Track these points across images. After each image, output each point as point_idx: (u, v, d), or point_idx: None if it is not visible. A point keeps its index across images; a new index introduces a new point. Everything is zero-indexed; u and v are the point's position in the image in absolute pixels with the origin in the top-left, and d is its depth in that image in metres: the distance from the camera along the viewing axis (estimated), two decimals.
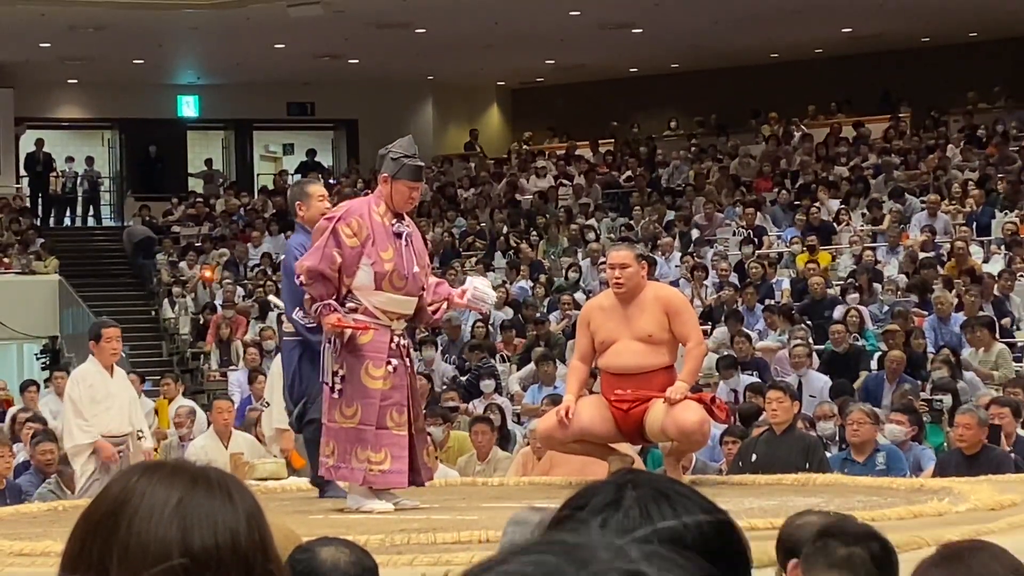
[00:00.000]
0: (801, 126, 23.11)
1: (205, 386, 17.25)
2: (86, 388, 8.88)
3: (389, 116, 24.95)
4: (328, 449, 6.59)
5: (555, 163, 23.93)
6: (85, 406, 8.79)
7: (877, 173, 20.03)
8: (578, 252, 18.90)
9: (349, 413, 6.56)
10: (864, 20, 21.87)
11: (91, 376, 8.93)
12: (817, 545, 3.07)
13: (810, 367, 12.45)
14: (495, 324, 15.88)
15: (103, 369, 8.92)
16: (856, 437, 8.55)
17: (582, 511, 1.52)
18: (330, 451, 6.59)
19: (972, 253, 15.76)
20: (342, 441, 6.55)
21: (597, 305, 7.34)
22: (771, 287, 16.06)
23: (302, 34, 21.47)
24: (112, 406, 8.84)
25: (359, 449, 6.54)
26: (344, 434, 6.55)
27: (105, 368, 8.92)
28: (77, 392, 8.89)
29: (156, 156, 26.06)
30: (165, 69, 24.82)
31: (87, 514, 1.52)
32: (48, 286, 20.05)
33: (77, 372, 9.39)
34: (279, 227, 22.25)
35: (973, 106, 22.46)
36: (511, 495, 7.19)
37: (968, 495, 6.24)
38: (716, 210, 19.63)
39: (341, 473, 6.62)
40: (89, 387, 8.87)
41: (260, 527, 1.52)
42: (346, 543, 2.89)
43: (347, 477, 6.63)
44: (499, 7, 20.52)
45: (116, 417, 8.85)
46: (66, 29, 20.96)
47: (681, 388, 6.95)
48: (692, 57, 24.25)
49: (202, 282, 19.98)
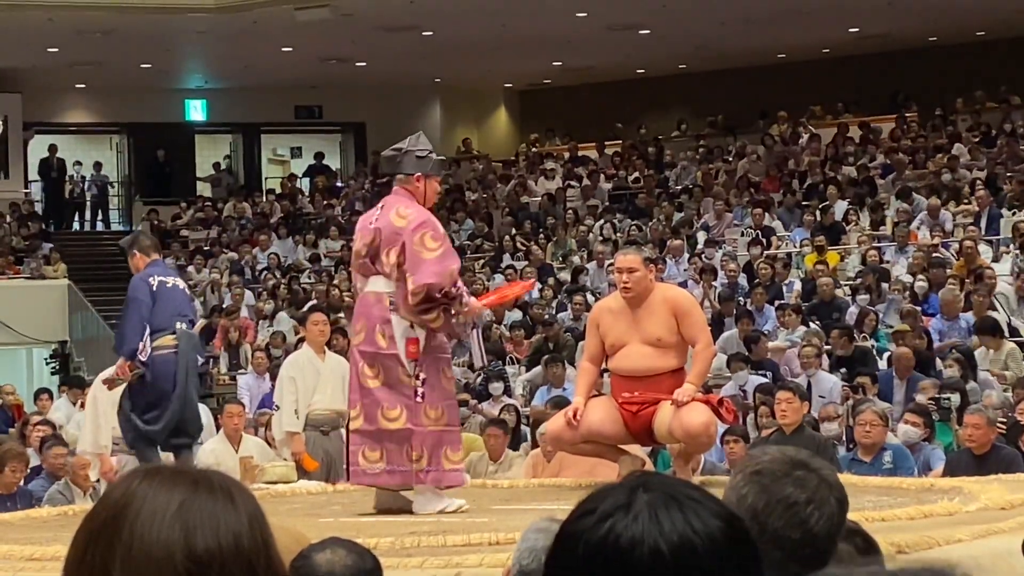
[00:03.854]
0: (809, 126, 23.08)
1: (214, 390, 17.27)
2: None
3: (397, 119, 24.95)
4: (416, 454, 6.61)
5: (562, 165, 23.92)
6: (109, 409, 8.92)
7: (885, 173, 20.01)
8: (586, 254, 18.90)
9: (435, 415, 6.67)
10: (871, 20, 21.86)
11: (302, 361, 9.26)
12: None
13: (820, 367, 12.42)
14: (506, 325, 15.89)
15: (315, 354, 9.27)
16: (867, 438, 8.54)
17: (592, 515, 1.52)
18: (418, 456, 6.61)
19: (980, 253, 15.73)
20: (430, 444, 6.63)
21: (607, 307, 7.33)
22: (780, 288, 16.04)
23: (309, 37, 21.49)
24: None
25: (448, 450, 6.67)
26: (434, 437, 6.64)
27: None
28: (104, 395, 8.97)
29: (164, 160, 26.09)
30: (173, 73, 24.85)
31: (89, 519, 1.52)
32: (57, 291, 20.08)
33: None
34: (287, 230, 22.29)
35: (981, 105, 22.43)
36: (521, 497, 7.19)
37: (978, 495, 6.23)
38: (724, 210, 19.62)
39: (432, 477, 6.65)
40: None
41: (262, 529, 1.52)
42: (347, 545, 2.88)
43: (439, 480, 6.68)
44: (506, 9, 20.53)
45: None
46: (74, 34, 20.98)
47: (689, 390, 6.95)
48: (699, 58, 24.25)
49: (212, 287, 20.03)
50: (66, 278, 20.65)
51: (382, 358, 6.66)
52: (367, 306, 6.74)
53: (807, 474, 2.39)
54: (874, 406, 9.29)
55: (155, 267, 8.44)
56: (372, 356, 6.68)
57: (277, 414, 9.42)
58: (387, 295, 6.70)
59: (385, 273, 6.71)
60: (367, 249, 6.74)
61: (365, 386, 6.68)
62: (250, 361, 16.09)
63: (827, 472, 2.43)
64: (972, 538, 5.07)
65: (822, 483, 2.39)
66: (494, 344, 15.08)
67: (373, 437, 6.66)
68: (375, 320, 6.68)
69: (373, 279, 6.77)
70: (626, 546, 1.48)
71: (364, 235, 6.80)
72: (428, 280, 6.55)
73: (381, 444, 6.64)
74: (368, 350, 6.69)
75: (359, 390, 6.72)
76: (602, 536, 1.50)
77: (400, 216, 6.71)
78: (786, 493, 2.35)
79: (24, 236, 22.38)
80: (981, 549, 4.92)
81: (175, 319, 8.17)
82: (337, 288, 18.36)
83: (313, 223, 22.90)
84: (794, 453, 2.47)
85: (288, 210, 23.63)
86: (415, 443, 6.61)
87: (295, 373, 9.28)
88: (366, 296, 6.78)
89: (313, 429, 9.22)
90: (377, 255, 6.71)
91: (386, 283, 6.72)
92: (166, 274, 8.48)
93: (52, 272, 20.85)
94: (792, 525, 2.34)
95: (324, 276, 19.43)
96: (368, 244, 6.74)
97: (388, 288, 6.71)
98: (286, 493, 7.78)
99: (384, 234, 6.69)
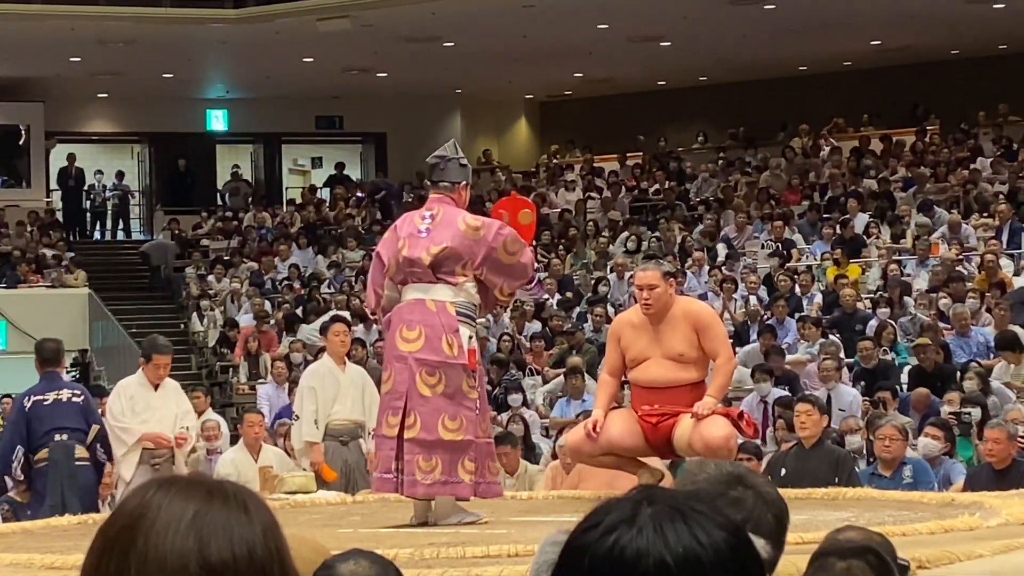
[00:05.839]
0: (830, 139, 23.05)
1: (234, 399, 17.30)
2: (126, 400, 9.15)
3: (417, 129, 25.00)
4: (471, 466, 6.58)
5: (583, 176, 23.92)
6: (124, 415, 9.04)
7: (907, 186, 19.97)
8: (606, 265, 18.90)
9: (485, 428, 6.74)
10: (893, 33, 21.83)
11: (132, 388, 9.22)
12: (816, 564, 3.13)
13: (840, 381, 12.39)
14: (526, 336, 15.90)
15: (147, 384, 9.18)
16: (887, 453, 8.51)
17: (597, 528, 1.52)
18: (472, 468, 6.59)
19: (1002, 266, 15.69)
20: (483, 456, 6.64)
21: (627, 321, 7.30)
22: (800, 300, 16.02)
23: (331, 48, 21.53)
24: (150, 419, 9.07)
25: (490, 462, 6.72)
26: (485, 449, 6.67)
27: (150, 383, 9.17)
28: (118, 404, 9.16)
29: (185, 170, 26.16)
30: (194, 83, 24.92)
31: (104, 529, 1.52)
32: (78, 300, 20.13)
33: (119, 384, 9.66)
34: (307, 240, 22.32)
35: (1003, 119, 22.38)
36: (540, 509, 7.18)
37: (999, 510, 6.20)
38: (745, 223, 19.61)
39: (481, 490, 6.66)
40: (129, 399, 9.15)
41: (276, 539, 1.52)
42: (370, 556, 2.87)
43: (486, 493, 6.70)
44: (527, 21, 20.54)
45: (154, 429, 9.07)
46: (96, 44, 21.06)
47: (709, 403, 6.93)
48: (720, 70, 24.24)
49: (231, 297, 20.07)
50: (87, 287, 20.70)
51: (447, 367, 6.57)
52: (427, 314, 6.61)
53: (744, 491, 2.38)
54: (894, 420, 9.25)
55: (42, 383, 9.09)
56: (435, 365, 6.57)
57: (297, 424, 9.41)
58: (450, 303, 6.64)
59: (453, 283, 6.66)
60: (432, 259, 6.65)
61: (423, 394, 6.56)
62: (270, 371, 16.11)
63: (765, 488, 2.42)
64: (993, 553, 5.04)
65: (759, 500, 2.38)
66: (515, 356, 15.09)
67: (429, 447, 6.56)
68: (441, 329, 6.58)
69: (435, 287, 6.66)
70: (631, 559, 1.48)
71: (416, 244, 6.69)
72: (522, 282, 6.87)
73: (437, 454, 6.55)
74: (431, 359, 6.57)
75: (416, 398, 6.57)
76: (607, 549, 1.49)
77: (471, 227, 6.71)
78: None
79: (46, 245, 22.44)
80: (1002, 564, 4.90)
81: (52, 434, 8.83)
82: (358, 298, 18.38)
83: (333, 233, 22.93)
84: (731, 468, 2.46)
85: (308, 220, 23.67)
86: (472, 454, 6.58)
87: (315, 383, 9.28)
88: (421, 303, 6.65)
89: (332, 439, 9.22)
90: (441, 265, 6.66)
91: (453, 292, 6.66)
92: (51, 389, 9.02)
93: (73, 281, 20.90)
94: None
95: (345, 286, 19.44)
96: (435, 255, 6.64)
97: (454, 297, 6.66)
98: (305, 503, 7.78)
99: (460, 246, 6.66)
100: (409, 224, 6.84)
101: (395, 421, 6.62)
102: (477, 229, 6.69)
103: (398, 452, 6.61)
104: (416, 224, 6.78)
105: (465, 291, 6.70)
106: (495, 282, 6.75)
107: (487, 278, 6.72)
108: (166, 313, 22.08)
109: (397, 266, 6.74)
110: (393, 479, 6.63)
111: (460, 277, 6.67)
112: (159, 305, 22.44)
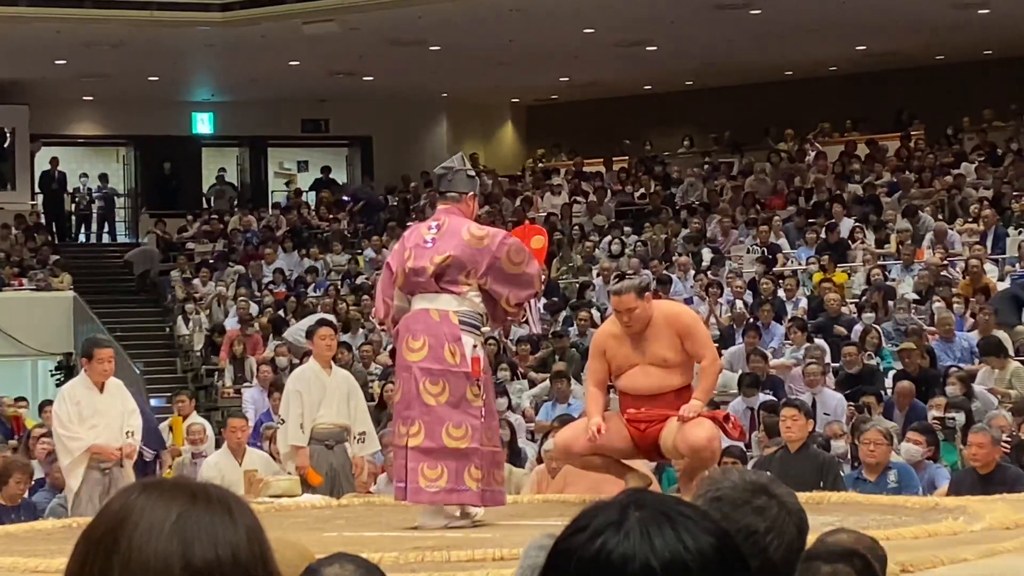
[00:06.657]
0: (815, 144, 23.08)
1: (219, 403, 17.27)
2: (72, 406, 8.83)
3: (403, 133, 24.99)
4: (478, 474, 6.61)
5: (568, 180, 23.92)
6: (72, 423, 8.77)
7: (892, 191, 20.00)
8: (592, 269, 18.91)
9: (490, 435, 6.74)
10: (878, 38, 21.86)
11: (78, 393, 8.89)
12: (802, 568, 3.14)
13: (825, 385, 12.41)
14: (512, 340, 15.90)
15: (92, 386, 8.88)
16: (871, 457, 8.52)
17: (584, 531, 1.52)
18: (479, 476, 6.61)
19: (986, 271, 15.72)
20: (489, 464, 6.66)
21: (609, 333, 7.34)
22: (785, 305, 16.03)
23: (317, 51, 21.51)
24: (99, 424, 8.80)
25: (496, 470, 6.74)
26: (490, 457, 6.69)
27: (95, 385, 8.89)
28: (65, 410, 8.86)
29: (171, 173, 26.11)
30: (180, 86, 24.88)
31: (87, 532, 1.52)
32: (63, 303, 20.07)
33: (64, 389, 9.36)
34: (292, 244, 22.30)
35: (988, 124, 22.42)
36: (525, 513, 7.19)
37: (983, 514, 6.22)
38: (731, 227, 19.62)
39: (488, 497, 6.69)
40: (76, 404, 8.82)
41: (260, 542, 1.52)
42: (355, 560, 2.88)
43: (492, 501, 6.72)
44: (514, 24, 20.54)
45: (103, 435, 8.78)
46: (82, 46, 21.01)
47: (695, 406, 6.96)
48: (706, 75, 24.25)
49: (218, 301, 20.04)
50: (72, 290, 20.64)
51: (450, 376, 6.63)
52: (430, 324, 6.68)
53: (768, 501, 2.38)
54: (879, 425, 9.26)
55: None
56: (438, 373, 6.63)
57: (282, 428, 9.40)
58: (453, 313, 6.70)
59: (457, 292, 6.71)
60: (435, 268, 6.70)
61: (426, 403, 6.61)
62: (255, 375, 16.09)
63: (788, 498, 2.42)
64: (977, 557, 5.06)
65: (782, 510, 2.38)
66: (503, 359, 15.08)
67: (434, 455, 6.60)
68: (444, 338, 6.65)
69: (439, 297, 6.72)
70: (618, 563, 1.48)
71: (422, 255, 6.76)
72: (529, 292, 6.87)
73: (442, 462, 6.58)
74: (434, 367, 6.63)
75: (419, 407, 6.63)
76: (594, 553, 1.49)
77: (475, 236, 6.76)
78: (746, 522, 2.34)
79: (30, 248, 22.39)
80: (986, 569, 4.92)
81: None
82: (344, 302, 18.37)
83: (319, 237, 22.91)
84: (756, 478, 2.46)
85: (294, 224, 23.65)
86: (477, 462, 6.60)
87: (301, 387, 9.27)
88: (426, 313, 6.72)
89: (318, 443, 9.21)
90: (444, 274, 6.71)
91: (456, 301, 6.72)
92: None
93: (58, 284, 20.85)
94: (751, 554, 2.32)
95: (331, 290, 19.43)
96: (439, 264, 6.70)
97: (458, 306, 6.72)
98: (290, 507, 7.77)
99: (463, 255, 6.71)
100: (416, 235, 6.94)
101: (404, 431, 6.70)
102: (481, 238, 6.76)
103: (406, 460, 6.69)
104: (423, 235, 6.88)
105: (469, 300, 6.75)
106: (500, 292, 6.78)
107: (492, 288, 6.75)
108: (151, 316, 22.04)
109: (404, 277, 6.83)
110: (404, 488, 6.71)
111: (464, 286, 6.72)
112: (144, 308, 22.39)
